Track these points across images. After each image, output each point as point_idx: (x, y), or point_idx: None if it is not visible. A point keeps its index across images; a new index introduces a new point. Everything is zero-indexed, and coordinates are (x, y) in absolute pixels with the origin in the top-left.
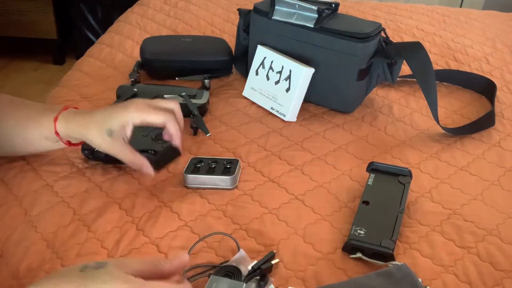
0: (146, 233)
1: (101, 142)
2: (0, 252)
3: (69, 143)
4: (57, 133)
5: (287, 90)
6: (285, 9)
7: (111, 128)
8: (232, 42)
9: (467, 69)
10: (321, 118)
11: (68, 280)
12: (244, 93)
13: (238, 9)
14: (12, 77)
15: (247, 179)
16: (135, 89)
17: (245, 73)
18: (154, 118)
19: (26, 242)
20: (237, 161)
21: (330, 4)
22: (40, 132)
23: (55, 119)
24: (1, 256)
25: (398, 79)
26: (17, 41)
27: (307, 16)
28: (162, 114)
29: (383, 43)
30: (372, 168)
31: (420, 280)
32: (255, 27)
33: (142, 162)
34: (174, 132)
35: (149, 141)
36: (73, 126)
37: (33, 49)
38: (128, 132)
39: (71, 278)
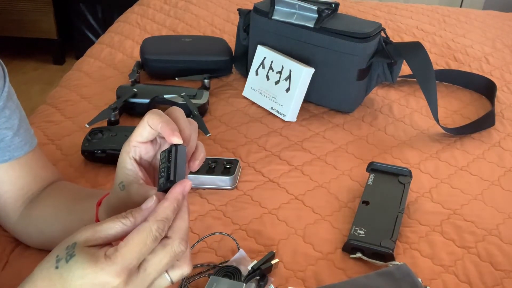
0: None
1: None
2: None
3: None
4: (97, 219)
5: (287, 90)
6: (285, 9)
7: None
8: (232, 42)
9: (467, 69)
10: (321, 118)
11: (48, 283)
12: (244, 93)
13: (238, 9)
14: (12, 77)
15: (247, 179)
16: (135, 89)
17: (245, 73)
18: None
19: None
20: (237, 161)
21: (330, 4)
22: (81, 218)
23: (98, 204)
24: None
25: (398, 79)
26: (17, 41)
27: (307, 16)
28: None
29: (383, 43)
30: (372, 168)
31: (420, 280)
32: (255, 27)
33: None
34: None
35: None
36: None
37: (33, 49)
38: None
39: (51, 280)
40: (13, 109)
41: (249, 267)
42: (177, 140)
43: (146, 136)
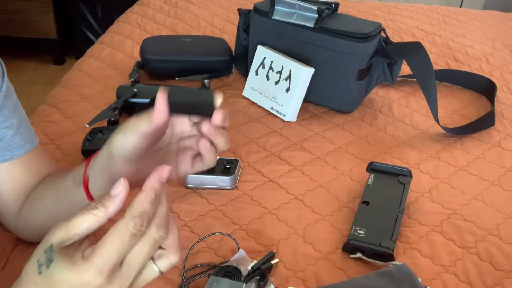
0: None
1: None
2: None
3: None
4: (85, 181)
5: (287, 90)
6: (285, 9)
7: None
8: (232, 42)
9: (467, 69)
10: (321, 118)
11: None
12: (244, 93)
13: (238, 9)
14: (12, 77)
15: (247, 179)
16: (135, 89)
17: (245, 73)
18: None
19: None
20: (237, 161)
21: (330, 4)
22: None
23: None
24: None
25: (398, 79)
26: (17, 41)
27: (307, 16)
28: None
29: (383, 43)
30: (372, 168)
31: (420, 280)
32: (255, 27)
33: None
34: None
35: None
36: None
37: (33, 49)
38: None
39: (38, 285)
40: (12, 108)
41: (249, 267)
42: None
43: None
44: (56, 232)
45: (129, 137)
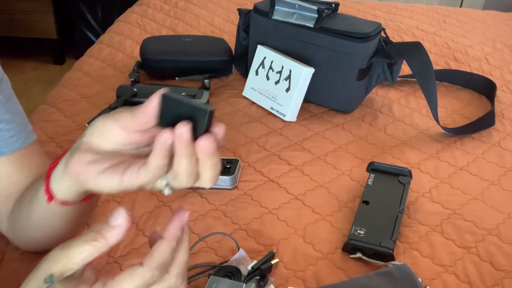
0: (146, 233)
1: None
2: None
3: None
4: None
5: (287, 90)
6: (285, 9)
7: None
8: (232, 42)
9: (467, 69)
10: (321, 118)
11: None
12: (244, 93)
13: (238, 9)
14: (12, 77)
15: (247, 179)
16: (135, 89)
17: (245, 73)
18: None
19: None
20: (237, 161)
21: (330, 4)
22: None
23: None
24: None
25: (398, 79)
26: (17, 41)
27: (307, 16)
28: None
29: (383, 43)
30: (372, 168)
31: (420, 280)
32: (255, 27)
33: None
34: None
35: None
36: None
37: (33, 49)
38: None
39: None
40: (3, 102)
41: (249, 267)
42: None
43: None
44: (55, 261)
45: (108, 122)
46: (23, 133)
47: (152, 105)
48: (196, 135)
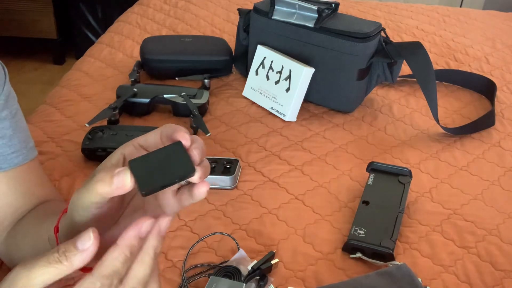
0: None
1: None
2: None
3: None
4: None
5: (287, 90)
6: (285, 9)
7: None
8: (232, 42)
9: (467, 69)
10: (321, 118)
11: None
12: (244, 93)
13: (238, 9)
14: (12, 77)
15: (247, 179)
16: (135, 89)
17: (245, 73)
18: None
19: None
20: (237, 161)
21: (330, 4)
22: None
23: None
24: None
25: (398, 79)
26: (17, 41)
27: (307, 16)
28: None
29: (383, 43)
30: (372, 168)
31: (420, 280)
32: (255, 27)
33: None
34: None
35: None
36: None
37: (33, 49)
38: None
39: None
40: (8, 118)
41: (249, 267)
42: (186, 137)
43: (150, 141)
44: (15, 281)
45: (85, 202)
46: (24, 149)
47: (126, 181)
48: (184, 172)
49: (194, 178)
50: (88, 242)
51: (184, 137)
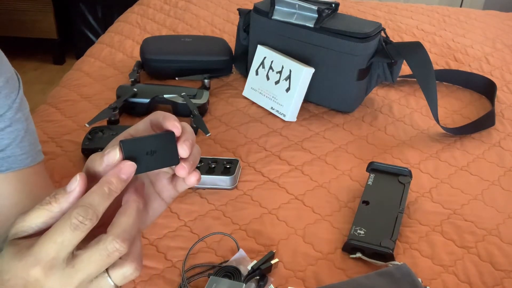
0: (145, 234)
1: None
2: None
3: None
4: None
5: (287, 90)
6: (285, 9)
7: None
8: (232, 42)
9: (467, 69)
10: (321, 118)
11: None
12: (244, 93)
13: (238, 9)
14: None
15: (247, 179)
16: (135, 89)
17: (245, 73)
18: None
19: None
20: (237, 161)
21: (330, 4)
22: None
23: None
24: None
25: (398, 79)
26: (17, 41)
27: (307, 16)
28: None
29: (383, 43)
30: (372, 168)
31: (420, 280)
32: (255, 27)
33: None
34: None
35: None
36: None
37: (33, 49)
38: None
39: None
40: (21, 121)
41: (249, 267)
42: (177, 126)
43: (140, 130)
44: (14, 224)
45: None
46: (33, 152)
47: (115, 156)
48: (169, 161)
49: (181, 173)
50: (74, 184)
51: (175, 126)
